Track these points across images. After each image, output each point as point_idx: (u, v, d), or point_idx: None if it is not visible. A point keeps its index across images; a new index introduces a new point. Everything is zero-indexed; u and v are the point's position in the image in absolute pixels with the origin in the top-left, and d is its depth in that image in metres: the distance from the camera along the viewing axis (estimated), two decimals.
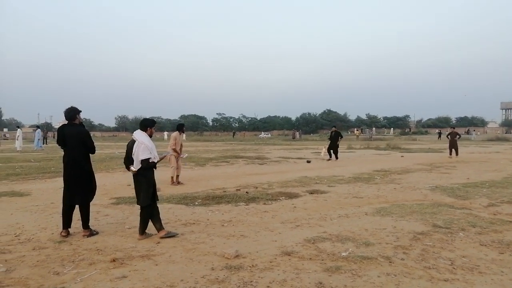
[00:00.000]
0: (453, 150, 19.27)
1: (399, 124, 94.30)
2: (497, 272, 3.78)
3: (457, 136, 19.76)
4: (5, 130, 73.60)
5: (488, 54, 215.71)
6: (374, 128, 76.09)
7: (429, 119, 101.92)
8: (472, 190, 8.82)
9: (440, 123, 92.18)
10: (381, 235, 5.05)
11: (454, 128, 21.13)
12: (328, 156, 18.03)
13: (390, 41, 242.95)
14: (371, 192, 8.67)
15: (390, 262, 4.02)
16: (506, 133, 69.66)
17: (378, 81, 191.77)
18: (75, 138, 5.08)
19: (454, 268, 3.86)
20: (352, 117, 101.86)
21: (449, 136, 20.03)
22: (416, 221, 5.77)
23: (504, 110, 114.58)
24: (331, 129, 19.40)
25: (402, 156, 20.03)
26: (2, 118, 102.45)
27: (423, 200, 7.67)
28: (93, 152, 5.30)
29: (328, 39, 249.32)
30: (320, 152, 18.09)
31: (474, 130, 64.95)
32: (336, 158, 17.82)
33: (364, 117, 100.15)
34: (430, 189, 9.01)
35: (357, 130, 67.11)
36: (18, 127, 28.91)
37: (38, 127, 31.03)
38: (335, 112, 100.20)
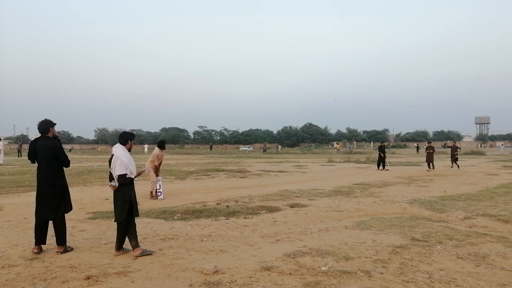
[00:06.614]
0: (430, 163, 19.96)
1: (378, 137, 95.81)
2: (473, 285, 3.83)
3: (458, 150, 21.93)
4: None
5: (464, 72, 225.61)
6: (354, 142, 77.26)
7: (407, 133, 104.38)
8: (449, 203, 8.99)
9: (418, 137, 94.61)
10: (361, 248, 5.06)
11: (430, 143, 22.41)
12: None
13: (370, 58, 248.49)
14: (351, 206, 8.73)
15: (369, 276, 4.02)
16: (480, 146, 72.00)
17: (358, 96, 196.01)
18: (47, 152, 4.95)
19: (432, 282, 3.89)
20: (333, 130, 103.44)
21: (427, 150, 20.68)
22: (395, 234, 5.82)
23: (478, 125, 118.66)
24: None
25: (382, 169, 20.32)
26: None
27: (402, 213, 7.76)
28: (67, 166, 5.15)
29: (308, 54, 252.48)
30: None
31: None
32: None
33: (344, 130, 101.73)
34: (408, 202, 9.15)
35: (338, 144, 68.12)
36: (0, 139, 27.79)
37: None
38: (316, 125, 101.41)
